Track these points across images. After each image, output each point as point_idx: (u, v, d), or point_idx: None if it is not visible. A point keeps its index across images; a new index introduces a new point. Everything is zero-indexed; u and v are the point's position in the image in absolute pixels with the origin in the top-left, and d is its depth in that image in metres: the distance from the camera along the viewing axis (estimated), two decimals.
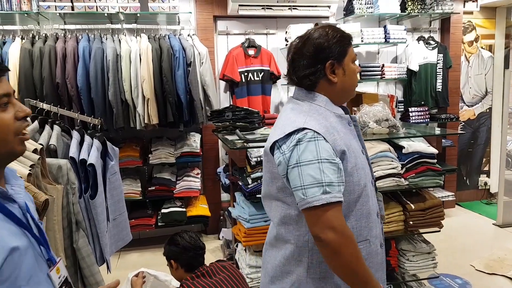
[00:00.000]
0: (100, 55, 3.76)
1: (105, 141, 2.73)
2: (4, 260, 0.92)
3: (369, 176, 1.48)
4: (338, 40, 1.41)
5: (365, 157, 1.49)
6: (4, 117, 0.97)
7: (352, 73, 1.45)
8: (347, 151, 1.36)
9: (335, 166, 1.31)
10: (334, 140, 1.35)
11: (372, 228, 1.44)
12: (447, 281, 3.45)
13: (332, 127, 1.38)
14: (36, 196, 1.92)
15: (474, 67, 5.51)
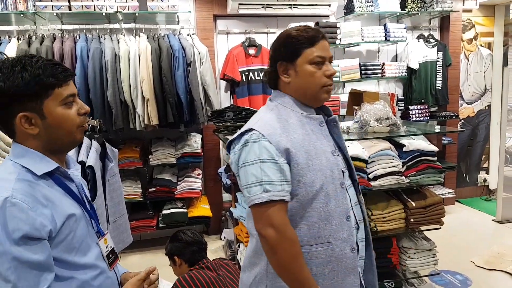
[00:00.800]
0: (99, 56, 3.75)
1: (104, 143, 2.72)
2: (63, 223, 1.14)
3: (336, 178, 1.45)
4: (291, 42, 1.45)
5: (336, 158, 1.48)
6: (70, 113, 1.20)
7: (307, 74, 1.44)
8: (294, 154, 1.38)
9: (276, 166, 1.35)
10: (278, 141, 1.38)
11: (336, 231, 1.42)
12: (448, 277, 3.45)
13: (284, 128, 1.41)
14: None
15: (473, 65, 5.51)
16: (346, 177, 1.52)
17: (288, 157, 1.38)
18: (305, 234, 1.41)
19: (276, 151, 1.37)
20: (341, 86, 4.98)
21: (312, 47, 1.43)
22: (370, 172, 2.62)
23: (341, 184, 1.46)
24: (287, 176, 1.37)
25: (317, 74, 1.44)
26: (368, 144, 2.73)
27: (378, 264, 2.72)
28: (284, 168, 1.37)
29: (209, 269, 2.28)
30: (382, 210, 2.68)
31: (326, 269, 1.43)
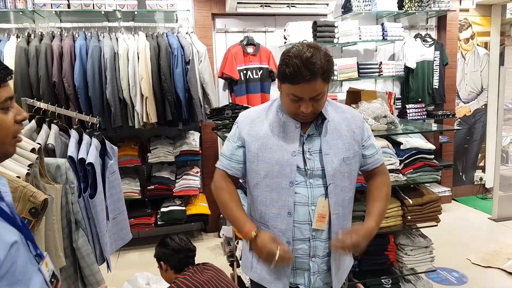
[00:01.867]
0: (98, 54, 3.75)
1: (104, 140, 2.73)
2: (6, 255, 0.95)
3: (286, 175, 1.55)
4: (280, 67, 1.53)
5: (293, 158, 1.55)
6: (6, 119, 1.02)
7: (284, 100, 1.57)
8: (248, 142, 1.62)
9: (231, 146, 1.68)
10: (242, 129, 1.65)
11: (274, 220, 1.60)
12: (444, 274, 3.48)
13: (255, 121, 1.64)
14: (35, 195, 1.91)
15: (470, 64, 5.54)
16: (310, 176, 1.57)
17: (244, 144, 1.65)
18: (254, 210, 1.68)
19: (238, 134, 1.66)
20: (338, 85, 5.01)
21: (291, 84, 1.47)
22: None
23: (290, 183, 1.55)
24: (234, 155, 1.68)
25: (291, 105, 1.54)
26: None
27: (376, 261, 2.77)
28: (234, 148, 1.67)
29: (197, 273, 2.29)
30: None
31: None
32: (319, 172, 1.57)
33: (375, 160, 1.73)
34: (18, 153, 2.14)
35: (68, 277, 2.42)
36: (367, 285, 2.79)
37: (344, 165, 1.59)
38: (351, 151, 1.62)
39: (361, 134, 1.67)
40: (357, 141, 1.65)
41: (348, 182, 1.63)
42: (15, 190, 1.88)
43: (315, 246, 1.59)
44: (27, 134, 2.44)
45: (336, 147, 1.59)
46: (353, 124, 1.66)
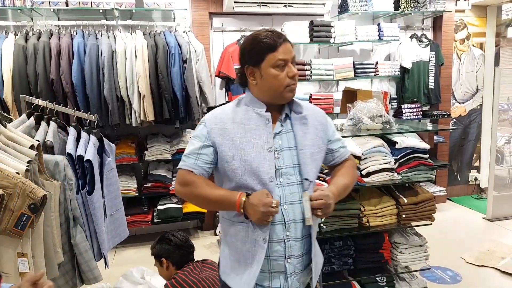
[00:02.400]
0: (95, 52, 3.77)
1: (102, 138, 2.75)
2: None
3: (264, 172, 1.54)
4: (254, 48, 1.56)
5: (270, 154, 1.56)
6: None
7: (271, 77, 1.56)
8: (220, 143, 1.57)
9: (197, 145, 1.60)
10: (211, 128, 1.59)
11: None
12: (439, 273, 3.52)
13: (223, 120, 1.60)
14: (34, 191, 1.93)
15: (466, 65, 5.58)
16: (280, 175, 1.57)
17: (214, 144, 1.59)
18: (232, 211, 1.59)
19: (207, 135, 1.59)
20: (334, 85, 5.04)
21: (274, 52, 1.54)
22: (364, 169, 2.67)
23: (270, 179, 1.54)
24: (203, 155, 1.59)
25: (280, 76, 1.55)
26: (362, 141, 2.78)
27: (371, 259, 2.80)
28: (202, 148, 1.59)
29: (196, 270, 2.32)
30: (374, 206, 2.73)
31: (244, 248, 1.59)
32: (289, 170, 1.58)
33: (343, 153, 1.79)
34: (17, 149, 2.16)
35: (66, 272, 2.44)
36: (361, 283, 2.83)
37: (312, 161, 1.62)
38: (316, 147, 1.65)
39: (325, 130, 1.71)
40: (321, 137, 1.68)
41: (315, 176, 1.66)
42: (14, 186, 1.91)
43: (289, 247, 1.57)
44: (26, 131, 2.45)
45: (304, 144, 1.61)
46: (315, 120, 1.68)
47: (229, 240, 1.66)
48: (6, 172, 1.94)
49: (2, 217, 1.90)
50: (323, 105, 4.71)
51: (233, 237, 1.62)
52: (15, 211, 1.91)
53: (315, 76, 4.61)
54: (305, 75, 4.57)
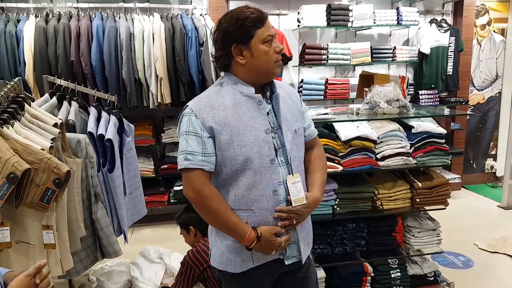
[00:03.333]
0: (114, 34, 3.82)
1: (122, 118, 2.82)
2: None
3: (265, 154, 1.55)
4: (242, 24, 1.52)
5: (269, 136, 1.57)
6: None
7: (262, 53, 1.55)
8: (218, 130, 1.53)
9: (199, 139, 1.53)
10: (204, 118, 1.53)
11: (259, 201, 1.57)
12: (451, 258, 3.54)
13: (213, 106, 1.55)
14: (59, 167, 2.01)
15: (486, 51, 5.49)
16: (280, 154, 1.60)
17: (212, 133, 1.54)
18: (232, 200, 1.58)
19: (201, 125, 1.54)
20: (351, 70, 5.02)
21: (262, 27, 1.54)
22: (379, 152, 2.69)
23: (271, 161, 1.56)
24: (208, 149, 1.54)
25: (270, 51, 1.56)
26: (377, 125, 2.79)
27: (383, 242, 2.83)
28: (205, 141, 1.54)
29: None
30: (388, 189, 2.75)
31: None
32: (283, 149, 1.61)
33: (312, 132, 1.80)
34: (41, 127, 2.24)
35: (88, 246, 2.54)
36: (373, 265, 2.86)
37: (297, 137, 1.65)
38: (299, 122, 1.68)
39: (300, 105, 1.74)
40: (300, 111, 1.72)
41: (302, 152, 1.70)
42: (40, 162, 1.99)
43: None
44: (49, 110, 2.53)
45: (287, 120, 1.63)
46: (293, 96, 1.73)
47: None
48: (32, 148, 2.02)
49: (28, 191, 1.98)
50: (339, 90, 4.71)
51: None
52: (41, 185, 1.99)
53: (332, 61, 4.60)
54: (322, 59, 4.56)
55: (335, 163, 2.62)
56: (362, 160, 2.65)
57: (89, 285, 3.17)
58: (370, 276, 2.84)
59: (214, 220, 1.60)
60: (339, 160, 2.64)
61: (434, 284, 2.97)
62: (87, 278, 3.24)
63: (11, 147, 1.96)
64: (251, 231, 1.55)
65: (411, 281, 2.92)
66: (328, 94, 4.69)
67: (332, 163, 2.60)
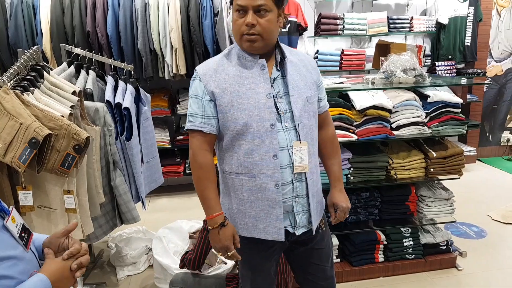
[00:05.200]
0: (129, 4, 3.82)
1: (138, 87, 2.85)
2: None
3: (266, 119, 1.55)
4: None
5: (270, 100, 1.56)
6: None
7: (233, 21, 1.55)
8: (218, 93, 1.56)
9: (200, 102, 1.57)
10: (207, 81, 1.57)
11: (259, 166, 1.57)
12: (464, 228, 3.56)
13: (218, 70, 1.58)
14: (79, 133, 2.06)
15: (505, 22, 5.35)
16: (285, 120, 1.58)
17: (213, 97, 1.57)
18: (235, 164, 1.60)
19: (204, 89, 1.57)
20: (367, 41, 4.95)
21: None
22: (394, 122, 2.69)
23: (271, 125, 1.55)
24: (207, 111, 1.57)
25: (238, 22, 1.52)
26: (393, 94, 2.78)
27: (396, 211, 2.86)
28: (205, 104, 1.57)
29: None
30: (403, 159, 2.76)
31: (252, 197, 1.62)
32: (290, 114, 1.59)
33: (325, 104, 1.79)
34: (60, 95, 2.28)
35: (107, 213, 2.62)
36: (386, 233, 2.90)
37: (308, 104, 1.63)
38: (312, 90, 1.66)
39: (317, 75, 1.71)
40: (315, 81, 1.69)
41: (314, 120, 1.68)
42: (60, 128, 2.04)
43: (297, 187, 1.62)
44: (67, 79, 2.57)
45: (298, 87, 1.61)
46: (308, 65, 1.70)
47: (232, 192, 1.66)
48: (52, 115, 2.07)
49: (49, 157, 2.04)
50: (354, 61, 4.66)
51: (238, 189, 1.63)
52: (61, 151, 2.05)
53: (348, 31, 4.54)
54: (337, 29, 4.50)
55: (349, 132, 2.63)
56: (377, 129, 2.65)
57: (107, 251, 3.27)
58: (383, 244, 2.88)
59: (196, 185, 1.64)
60: (354, 129, 2.65)
61: (446, 253, 3.01)
62: (106, 244, 3.35)
63: (32, 113, 2.01)
64: (221, 214, 1.60)
65: (424, 250, 2.95)
66: (344, 65, 4.65)
67: (347, 132, 2.61)
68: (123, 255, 3.02)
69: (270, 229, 1.63)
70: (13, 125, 1.94)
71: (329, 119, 1.85)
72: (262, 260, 1.75)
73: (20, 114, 1.95)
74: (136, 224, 2.89)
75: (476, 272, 2.95)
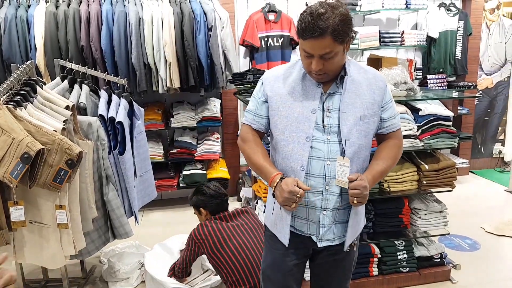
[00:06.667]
0: (123, 19, 3.84)
1: (132, 101, 2.85)
2: None
3: (303, 131, 1.62)
4: (297, 26, 1.57)
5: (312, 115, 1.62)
6: None
7: (301, 55, 1.63)
8: (271, 97, 1.71)
9: (256, 101, 1.76)
10: (266, 85, 1.73)
11: (289, 172, 1.66)
12: (457, 241, 3.57)
13: (279, 78, 1.72)
14: (71, 148, 2.06)
15: (495, 35, 5.44)
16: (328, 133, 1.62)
17: (266, 99, 1.72)
18: (277, 162, 1.73)
19: (263, 91, 1.74)
20: (359, 54, 5.00)
21: (302, 40, 1.55)
22: None
23: (307, 138, 1.62)
24: (259, 110, 1.75)
25: (305, 61, 1.61)
26: None
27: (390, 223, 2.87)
28: (259, 104, 1.75)
29: (225, 219, 2.51)
30: (395, 171, 2.77)
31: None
32: (336, 129, 1.62)
33: (392, 124, 1.75)
34: (53, 109, 2.28)
35: (99, 227, 2.60)
36: (380, 246, 2.90)
37: (361, 123, 1.63)
38: (370, 110, 1.65)
39: (381, 95, 1.69)
40: (376, 102, 1.67)
41: (366, 140, 1.66)
42: (53, 143, 2.03)
43: (327, 199, 1.65)
44: (60, 93, 2.57)
45: (353, 105, 1.63)
46: (374, 84, 1.68)
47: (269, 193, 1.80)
48: (45, 129, 2.07)
49: (42, 171, 2.03)
50: None
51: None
52: (54, 166, 2.04)
53: None
54: None
55: None
56: None
57: (100, 266, 3.24)
58: (377, 258, 2.88)
59: (248, 160, 1.77)
60: None
61: (440, 265, 3.01)
62: (98, 260, 3.32)
63: (25, 128, 2.01)
64: (277, 173, 1.63)
65: (418, 263, 2.95)
66: None
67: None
68: (115, 271, 2.99)
69: (281, 230, 1.74)
70: (5, 140, 1.94)
71: (395, 136, 1.79)
72: (280, 258, 1.81)
73: (12, 129, 1.95)
74: (129, 239, 2.87)
75: (470, 285, 2.95)
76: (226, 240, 2.40)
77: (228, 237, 2.41)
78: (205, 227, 2.44)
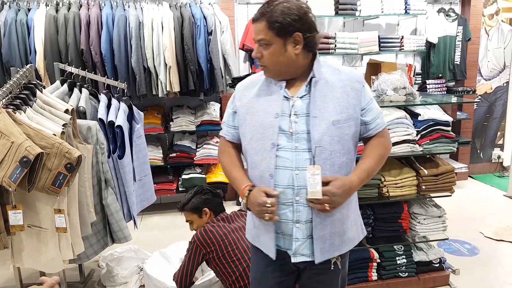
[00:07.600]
0: (123, 23, 3.85)
1: (131, 105, 2.86)
2: None
3: (268, 137, 1.55)
4: None
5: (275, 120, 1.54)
6: None
7: None
8: (239, 107, 1.67)
9: (228, 112, 1.74)
10: (236, 95, 1.71)
11: (258, 182, 1.60)
12: (456, 245, 3.57)
13: (247, 87, 1.68)
14: (71, 151, 2.05)
15: (494, 41, 5.46)
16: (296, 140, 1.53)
17: (235, 108, 1.69)
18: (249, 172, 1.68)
19: (234, 101, 1.71)
20: (359, 59, 5.01)
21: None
22: None
23: (272, 145, 1.54)
24: (230, 121, 1.73)
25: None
26: (384, 112, 2.78)
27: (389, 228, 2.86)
28: (231, 115, 1.73)
29: (227, 220, 2.49)
30: (395, 176, 2.77)
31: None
32: (305, 136, 1.53)
33: (377, 125, 1.65)
34: (53, 113, 2.28)
35: (98, 231, 2.59)
36: (379, 251, 2.90)
37: (334, 128, 1.52)
38: (344, 114, 1.54)
39: (358, 98, 1.58)
40: (352, 104, 1.56)
41: (339, 146, 1.54)
42: (52, 146, 2.03)
43: (298, 211, 1.55)
44: (60, 97, 2.57)
45: (325, 110, 1.53)
46: (348, 86, 1.57)
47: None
48: (44, 133, 2.06)
49: (40, 175, 2.03)
50: None
51: None
52: (53, 169, 2.04)
53: (339, 50, 4.59)
54: (329, 48, 4.56)
55: None
56: None
57: (99, 270, 3.23)
58: (376, 262, 2.88)
59: (224, 172, 1.76)
60: None
61: (439, 270, 3.00)
62: (96, 264, 3.31)
63: (24, 132, 2.00)
64: (246, 186, 1.60)
65: (417, 268, 2.95)
66: None
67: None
68: (114, 275, 2.98)
69: (266, 243, 1.66)
70: (4, 144, 1.93)
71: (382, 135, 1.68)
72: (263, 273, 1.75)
73: (11, 133, 1.95)
74: (127, 243, 2.86)
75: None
76: (232, 245, 2.35)
77: (234, 242, 2.36)
78: (210, 232, 2.36)
